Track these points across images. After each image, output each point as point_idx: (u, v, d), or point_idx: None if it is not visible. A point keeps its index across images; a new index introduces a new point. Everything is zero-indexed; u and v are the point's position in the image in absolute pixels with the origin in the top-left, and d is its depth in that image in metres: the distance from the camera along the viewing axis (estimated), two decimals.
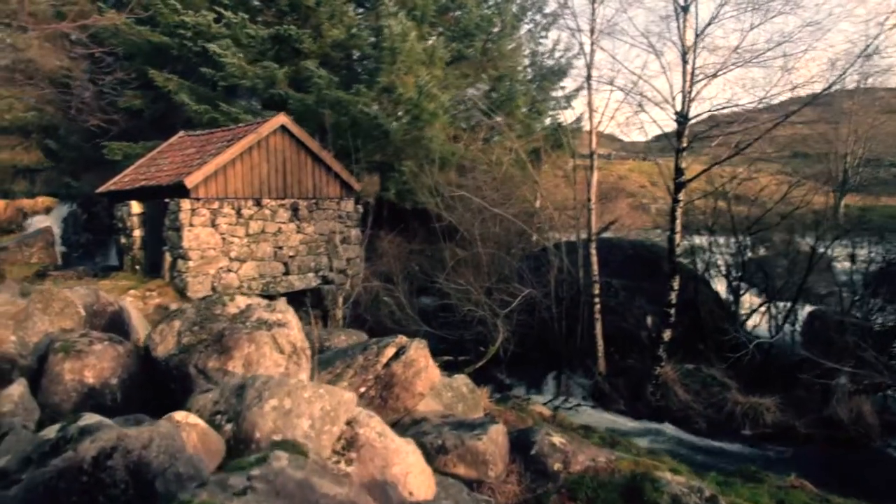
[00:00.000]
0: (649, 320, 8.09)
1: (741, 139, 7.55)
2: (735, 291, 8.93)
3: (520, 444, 3.92)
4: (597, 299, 7.97)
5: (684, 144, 7.35)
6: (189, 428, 2.12)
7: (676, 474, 3.70)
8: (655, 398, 7.14)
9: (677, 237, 7.61)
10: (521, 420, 5.10)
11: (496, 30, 15.49)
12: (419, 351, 4.21)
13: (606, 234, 10.56)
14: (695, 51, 7.27)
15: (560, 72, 16.67)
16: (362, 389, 4.12)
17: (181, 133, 12.26)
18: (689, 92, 7.28)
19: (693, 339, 8.06)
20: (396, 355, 4.23)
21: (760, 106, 7.68)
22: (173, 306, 8.99)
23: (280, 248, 10.61)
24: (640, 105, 7.87)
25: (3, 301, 3.47)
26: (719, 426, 6.85)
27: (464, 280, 8.16)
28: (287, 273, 10.70)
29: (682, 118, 7.28)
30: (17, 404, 2.84)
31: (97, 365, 3.25)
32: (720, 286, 9.57)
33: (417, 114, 12.20)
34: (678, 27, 7.47)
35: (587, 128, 14.74)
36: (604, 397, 7.50)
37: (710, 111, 7.70)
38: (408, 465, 2.52)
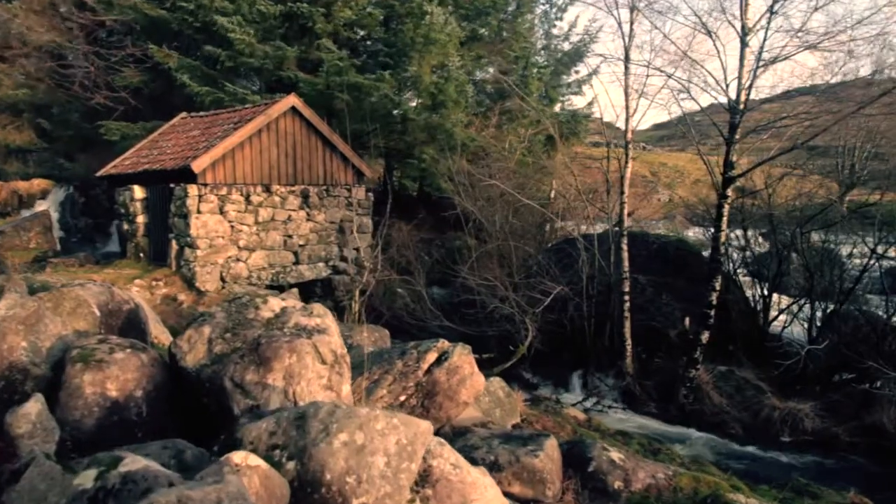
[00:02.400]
0: (686, 321, 7.80)
1: (794, 131, 7.12)
2: (769, 292, 8.59)
3: (573, 458, 3.67)
4: (626, 296, 7.67)
5: (737, 136, 6.89)
6: (249, 471, 1.80)
7: (738, 492, 3.47)
8: (688, 401, 6.89)
9: (722, 235, 7.23)
10: (558, 426, 4.85)
11: (511, 9, 14.89)
12: (463, 357, 3.92)
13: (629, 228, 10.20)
14: (766, 31, 6.70)
15: (576, 55, 16.12)
16: (402, 398, 3.84)
17: (183, 114, 11.69)
18: (754, 75, 6.73)
19: (723, 339, 7.76)
20: (438, 361, 3.94)
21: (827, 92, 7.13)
22: (181, 297, 8.62)
23: (290, 236, 10.20)
24: (686, 91, 7.34)
25: (11, 303, 3.09)
26: (755, 432, 6.59)
27: (491, 275, 7.82)
28: (297, 263, 10.32)
29: (737, 107, 6.80)
30: (34, 424, 2.52)
31: (120, 376, 2.92)
32: (750, 285, 9.21)
33: (442, 99, 11.64)
34: (740, 4, 6.89)
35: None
36: (634, 399, 7.26)
37: (784, 96, 7.08)
38: (487, 500, 2.23)
